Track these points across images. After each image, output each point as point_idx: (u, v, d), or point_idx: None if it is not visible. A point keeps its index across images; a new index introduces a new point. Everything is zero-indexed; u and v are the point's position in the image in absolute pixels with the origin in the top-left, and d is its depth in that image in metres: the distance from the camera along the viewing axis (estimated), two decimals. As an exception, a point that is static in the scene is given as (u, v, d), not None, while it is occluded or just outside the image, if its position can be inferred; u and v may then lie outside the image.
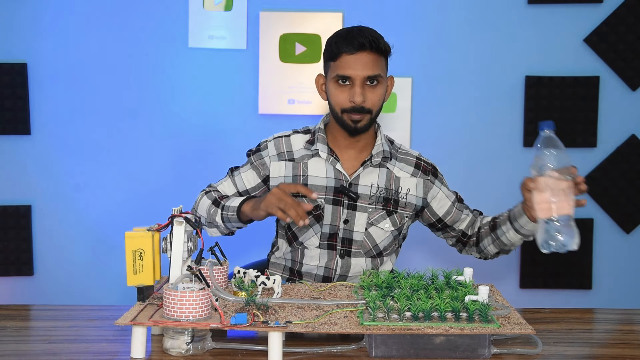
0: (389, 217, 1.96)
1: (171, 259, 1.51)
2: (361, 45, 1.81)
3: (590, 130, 3.18)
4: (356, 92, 1.83)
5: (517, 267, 3.26)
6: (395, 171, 1.98)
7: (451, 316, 1.42)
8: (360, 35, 1.83)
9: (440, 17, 3.15)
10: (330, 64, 1.89)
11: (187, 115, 3.17)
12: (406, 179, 1.98)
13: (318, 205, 1.93)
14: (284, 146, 1.99)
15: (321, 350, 1.41)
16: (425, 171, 2.01)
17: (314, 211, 1.93)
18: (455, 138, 3.21)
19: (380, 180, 1.96)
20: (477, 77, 3.17)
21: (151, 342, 1.47)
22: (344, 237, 1.95)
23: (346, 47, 1.82)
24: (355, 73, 1.83)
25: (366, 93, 1.85)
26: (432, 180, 2.01)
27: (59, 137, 3.15)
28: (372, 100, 1.86)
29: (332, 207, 1.94)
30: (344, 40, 1.83)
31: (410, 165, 2.00)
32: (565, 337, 1.58)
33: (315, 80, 1.99)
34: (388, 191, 1.95)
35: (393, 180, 1.97)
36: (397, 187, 1.96)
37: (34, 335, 1.59)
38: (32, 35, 3.11)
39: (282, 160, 1.98)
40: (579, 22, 3.14)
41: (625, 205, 3.23)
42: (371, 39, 1.82)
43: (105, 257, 3.16)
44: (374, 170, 1.96)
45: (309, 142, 1.99)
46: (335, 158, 1.95)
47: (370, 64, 1.83)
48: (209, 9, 3.12)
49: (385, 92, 1.92)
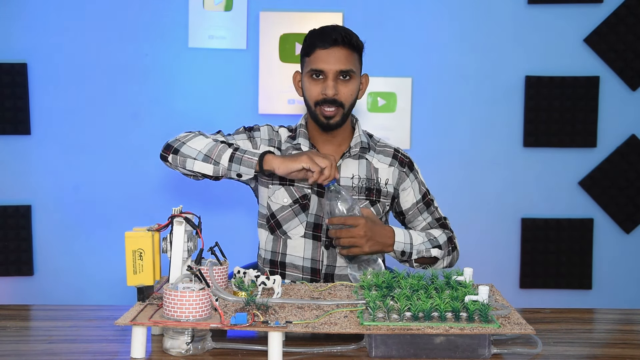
0: (373, 207, 2.00)
1: (171, 259, 1.51)
2: (334, 41, 1.87)
3: (590, 130, 3.18)
4: (328, 85, 1.88)
5: (517, 267, 3.26)
6: (374, 162, 2.02)
7: (451, 316, 1.42)
8: (334, 31, 1.89)
9: (440, 17, 3.15)
10: (305, 60, 1.94)
11: (187, 115, 3.16)
12: (384, 169, 2.02)
13: (305, 195, 1.97)
14: (275, 134, 2.05)
15: (321, 350, 1.41)
16: (402, 163, 2.05)
17: (301, 200, 1.97)
18: (455, 138, 3.21)
19: (361, 171, 2.00)
20: (477, 77, 3.18)
21: (151, 342, 1.47)
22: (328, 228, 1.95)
23: (320, 42, 1.89)
24: (328, 67, 1.88)
25: (339, 87, 1.90)
26: (407, 172, 2.05)
27: (59, 137, 3.16)
28: (345, 94, 1.91)
29: (317, 199, 1.98)
30: (318, 36, 1.90)
31: (388, 156, 2.04)
32: (565, 337, 1.58)
33: (293, 77, 2.04)
34: (369, 181, 2.00)
35: (372, 170, 2.01)
36: (377, 178, 2.01)
37: (34, 335, 1.59)
38: (32, 35, 3.11)
39: (272, 147, 2.02)
40: (579, 22, 3.14)
41: (625, 205, 3.23)
42: (344, 34, 1.88)
43: (105, 257, 3.16)
44: (353, 162, 2.00)
45: (290, 137, 2.05)
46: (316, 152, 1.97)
47: (342, 59, 1.88)
48: (209, 9, 3.12)
49: (359, 89, 1.97)
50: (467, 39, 3.16)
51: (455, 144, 3.21)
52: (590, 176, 3.21)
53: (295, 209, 1.98)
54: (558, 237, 3.23)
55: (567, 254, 3.24)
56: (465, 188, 3.23)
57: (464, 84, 3.18)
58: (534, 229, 3.23)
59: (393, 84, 3.16)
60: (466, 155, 3.21)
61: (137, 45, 3.14)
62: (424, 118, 3.19)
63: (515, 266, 3.26)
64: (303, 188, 1.97)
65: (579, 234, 3.23)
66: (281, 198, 1.98)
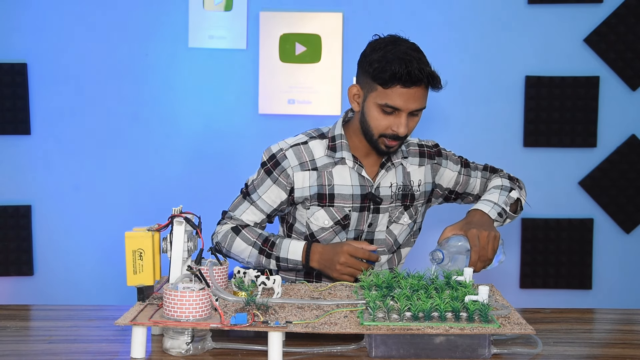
0: (407, 212, 1.98)
1: (171, 259, 1.51)
2: (419, 81, 1.76)
3: (590, 130, 3.18)
4: (402, 123, 1.80)
5: (517, 267, 3.26)
6: (407, 166, 1.99)
7: (451, 316, 1.42)
8: (421, 71, 1.75)
9: (440, 17, 3.15)
10: (376, 87, 1.78)
11: (187, 115, 3.17)
12: (415, 171, 1.99)
13: (347, 215, 1.92)
14: (305, 155, 1.92)
15: (321, 350, 1.41)
16: (430, 156, 2.02)
17: (343, 221, 1.92)
18: (455, 138, 3.20)
19: (398, 179, 1.96)
20: (477, 77, 3.17)
21: (151, 342, 1.47)
22: (366, 239, 1.96)
23: (403, 82, 1.75)
24: (406, 106, 1.78)
25: (408, 123, 1.82)
26: (438, 162, 2.03)
27: (59, 137, 3.15)
28: (411, 127, 1.85)
29: (358, 214, 1.93)
30: (403, 74, 1.74)
31: (415, 156, 2.01)
32: (565, 337, 1.58)
33: (349, 89, 1.88)
34: (405, 187, 1.97)
35: (406, 175, 1.98)
36: (410, 181, 1.98)
37: (34, 335, 1.59)
38: (32, 35, 3.11)
39: (306, 170, 1.90)
40: (579, 22, 3.14)
41: (625, 205, 3.23)
42: (428, 74, 1.77)
43: (105, 257, 3.16)
44: (391, 170, 1.96)
45: (330, 149, 1.92)
46: (360, 165, 1.92)
47: (421, 98, 1.80)
48: (209, 9, 3.12)
49: None
50: (467, 38, 3.16)
51: (456, 143, 3.20)
52: (590, 176, 3.21)
53: (336, 229, 1.93)
54: (558, 237, 3.23)
55: (567, 254, 3.24)
56: (465, 188, 3.22)
57: (463, 84, 3.18)
58: (534, 229, 3.23)
59: (393, 84, 3.15)
60: (466, 155, 3.18)
61: (137, 45, 3.14)
62: (424, 118, 3.17)
63: (515, 266, 3.26)
64: (343, 208, 1.91)
65: (579, 234, 3.23)
66: (322, 220, 1.92)
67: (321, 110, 3.13)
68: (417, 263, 1.96)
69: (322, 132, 1.98)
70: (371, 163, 1.95)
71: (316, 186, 1.90)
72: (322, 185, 1.90)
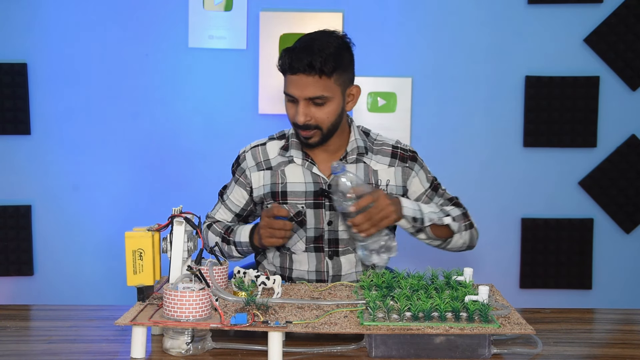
0: None
1: (171, 259, 1.51)
2: (297, 69, 1.79)
3: (590, 130, 3.18)
4: (299, 112, 1.82)
5: (517, 267, 3.26)
6: (372, 164, 1.97)
7: (451, 316, 1.42)
8: (297, 58, 1.78)
9: (440, 17, 3.15)
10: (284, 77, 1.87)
11: (187, 115, 3.17)
12: (384, 170, 1.97)
13: (299, 212, 1.94)
14: (261, 155, 2.00)
15: (321, 350, 1.41)
16: (403, 159, 1.99)
17: (296, 218, 1.94)
18: (455, 138, 3.21)
19: (359, 176, 1.94)
20: (477, 77, 3.17)
21: (151, 342, 1.47)
22: (330, 238, 1.95)
23: (287, 67, 1.81)
24: (297, 93, 1.81)
25: (312, 111, 1.82)
26: (410, 166, 1.99)
27: (59, 137, 3.16)
28: (319, 117, 1.83)
29: (314, 211, 1.94)
30: (287, 60, 1.81)
31: (386, 156, 1.98)
32: (565, 337, 1.58)
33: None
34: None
35: (371, 173, 1.96)
36: (377, 180, 1.95)
37: (34, 335, 1.59)
38: (32, 35, 3.11)
39: (261, 170, 1.98)
40: (579, 22, 3.14)
41: (625, 205, 3.23)
42: (308, 62, 1.77)
43: (105, 257, 3.16)
44: (351, 167, 1.94)
45: (283, 149, 1.99)
46: (311, 162, 1.95)
47: (310, 86, 1.79)
48: (209, 9, 3.12)
49: (342, 106, 1.88)
50: (467, 38, 3.16)
51: (455, 144, 3.21)
52: (590, 176, 3.21)
53: (294, 227, 1.95)
54: (558, 237, 3.23)
55: (567, 254, 3.24)
56: (465, 188, 3.22)
57: (464, 84, 3.18)
58: (534, 229, 3.23)
59: (393, 84, 3.16)
60: (466, 155, 3.21)
61: (137, 45, 3.14)
62: (424, 118, 3.19)
63: (515, 266, 3.26)
64: (296, 205, 1.94)
65: (579, 234, 3.23)
66: None
67: (321, 110, 3.12)
68: (417, 263, 1.96)
69: (283, 132, 2.05)
70: (326, 159, 1.96)
71: (270, 185, 1.97)
72: (276, 184, 1.96)
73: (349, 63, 1.86)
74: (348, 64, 1.85)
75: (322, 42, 1.80)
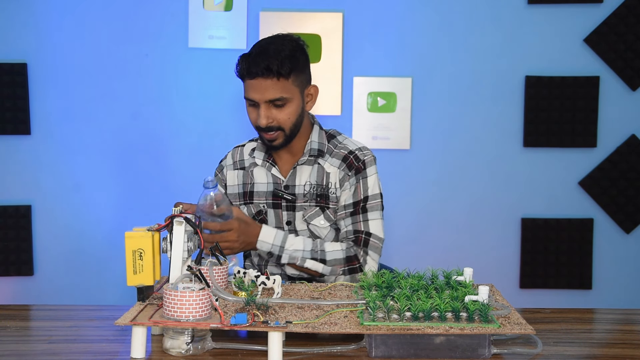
0: (323, 214, 1.96)
1: (171, 259, 1.51)
2: (255, 73, 1.83)
3: (590, 130, 3.18)
4: (261, 115, 1.87)
5: (517, 267, 3.26)
6: (326, 166, 1.98)
7: (451, 316, 1.42)
8: (255, 63, 1.83)
9: (440, 17, 3.15)
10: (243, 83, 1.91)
11: (187, 115, 3.17)
12: (334, 173, 1.97)
13: (260, 211, 2.00)
14: (238, 155, 2.08)
15: (321, 350, 1.41)
16: (350, 166, 1.96)
17: (257, 217, 2.00)
18: (455, 138, 3.21)
19: (312, 177, 1.97)
20: (477, 77, 3.17)
21: (151, 342, 1.47)
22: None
23: (246, 73, 1.86)
24: (257, 97, 1.86)
25: (273, 113, 1.87)
26: (350, 176, 1.96)
27: (59, 137, 3.15)
28: (281, 119, 1.88)
29: (273, 211, 1.99)
30: (243, 65, 1.86)
31: (339, 159, 1.98)
32: (565, 337, 1.58)
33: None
34: (319, 187, 1.97)
35: (324, 176, 1.97)
36: (328, 183, 1.97)
37: (34, 335, 1.59)
38: (32, 35, 3.11)
39: (236, 169, 2.06)
40: (579, 22, 3.14)
41: (625, 205, 3.23)
42: (264, 65, 1.81)
43: (105, 257, 3.16)
44: (307, 169, 1.98)
45: (252, 150, 2.06)
46: (271, 163, 2.00)
47: (269, 89, 1.84)
48: (209, 9, 3.12)
49: (302, 106, 1.92)
50: (467, 38, 3.16)
51: (455, 144, 3.21)
52: (590, 176, 3.21)
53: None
54: (558, 237, 3.23)
55: (567, 254, 3.24)
56: (466, 188, 3.23)
57: (464, 84, 3.18)
58: (534, 229, 3.23)
59: (393, 84, 3.16)
60: (466, 155, 3.21)
61: (137, 45, 3.14)
62: (424, 118, 3.19)
63: (515, 266, 3.26)
64: (259, 204, 2.00)
65: (579, 234, 3.23)
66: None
67: (321, 110, 3.13)
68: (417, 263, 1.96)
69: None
70: (287, 161, 2.01)
71: (242, 184, 2.04)
72: (246, 184, 2.03)
73: (304, 64, 1.91)
74: (304, 65, 1.91)
75: (277, 45, 1.86)
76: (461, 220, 3.23)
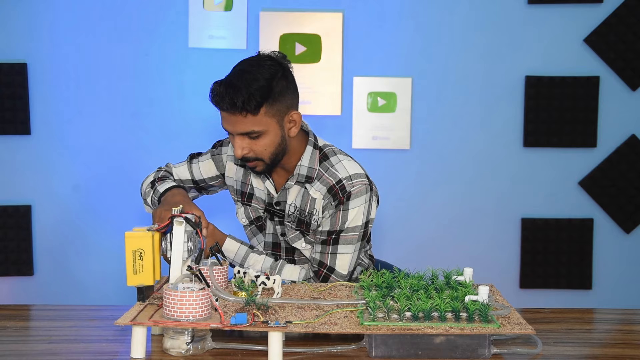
0: (304, 238, 1.91)
1: (171, 259, 1.51)
2: (222, 108, 1.73)
3: (590, 130, 3.18)
4: (235, 146, 1.77)
5: (517, 267, 3.26)
6: (312, 192, 1.86)
7: (451, 316, 1.42)
8: (221, 98, 1.71)
9: (440, 17, 3.15)
10: None
11: (187, 115, 3.17)
12: (320, 200, 1.86)
13: (260, 217, 1.98)
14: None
15: (321, 350, 1.41)
16: (334, 196, 1.83)
17: (256, 222, 1.98)
18: (455, 138, 3.21)
19: (297, 201, 1.88)
20: (477, 77, 3.17)
21: (151, 342, 1.47)
22: (287, 247, 1.96)
23: (215, 105, 1.75)
24: (229, 129, 1.77)
25: (249, 144, 1.76)
26: (332, 205, 1.84)
27: (59, 137, 3.15)
28: (257, 150, 1.77)
29: (270, 222, 1.98)
30: (213, 96, 1.74)
31: (325, 186, 1.85)
32: (565, 337, 1.58)
33: None
34: (302, 212, 1.87)
35: (309, 201, 1.87)
36: (312, 209, 1.86)
37: (34, 335, 1.59)
38: (32, 35, 3.11)
39: (236, 164, 1.98)
40: (579, 22, 3.14)
41: (625, 205, 3.23)
42: (229, 102, 1.69)
43: (105, 257, 3.16)
44: (295, 189, 1.88)
45: None
46: (265, 176, 1.92)
47: (239, 123, 1.73)
48: (209, 9, 3.12)
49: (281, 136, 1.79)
50: (467, 38, 3.16)
51: (455, 143, 3.21)
52: (590, 176, 3.21)
53: (253, 230, 2.00)
54: (558, 237, 3.23)
55: (567, 254, 3.24)
56: (465, 188, 3.23)
57: (463, 84, 3.18)
58: (534, 229, 3.23)
59: (393, 84, 3.16)
60: (466, 155, 3.21)
61: (137, 45, 3.14)
62: (424, 118, 3.19)
63: (515, 266, 3.26)
64: (258, 209, 1.96)
65: (579, 234, 3.23)
66: (241, 217, 2.02)
67: (321, 110, 3.13)
68: (417, 263, 1.96)
69: None
70: (281, 175, 1.92)
71: (240, 182, 1.99)
72: (245, 184, 1.98)
73: (282, 91, 1.75)
74: (281, 92, 1.75)
75: (250, 76, 1.72)
76: (461, 220, 3.23)
